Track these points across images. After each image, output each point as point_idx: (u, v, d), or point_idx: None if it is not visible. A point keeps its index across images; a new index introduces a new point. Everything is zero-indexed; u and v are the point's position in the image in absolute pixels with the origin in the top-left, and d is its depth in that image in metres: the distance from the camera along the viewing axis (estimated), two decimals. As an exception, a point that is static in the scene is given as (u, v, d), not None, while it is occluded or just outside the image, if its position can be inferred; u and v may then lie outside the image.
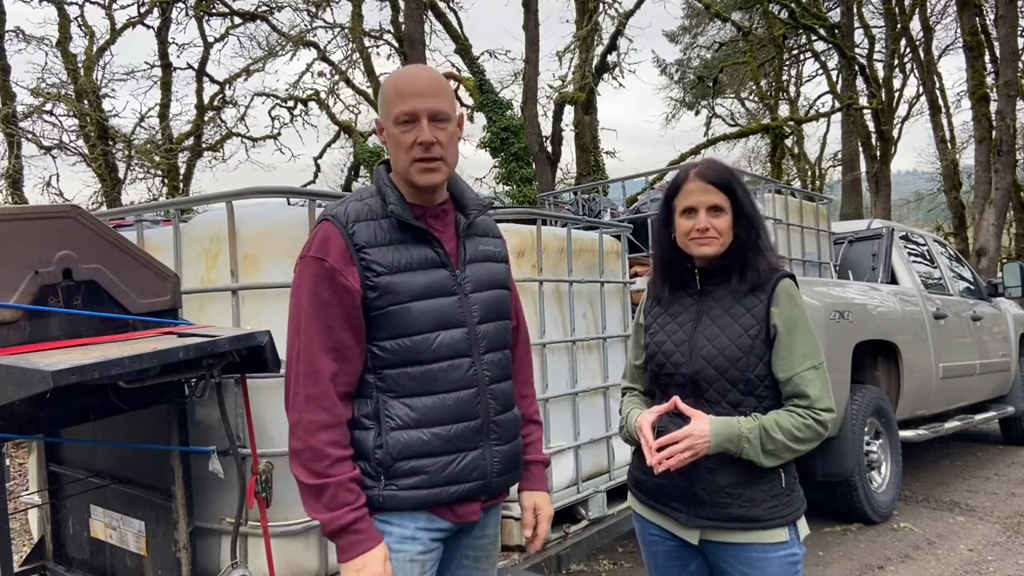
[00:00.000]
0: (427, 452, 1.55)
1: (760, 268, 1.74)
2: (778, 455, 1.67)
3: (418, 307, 1.54)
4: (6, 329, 1.86)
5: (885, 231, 5.89)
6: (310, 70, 16.71)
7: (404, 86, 1.55)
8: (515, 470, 1.71)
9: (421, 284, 1.55)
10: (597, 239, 3.50)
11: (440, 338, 1.56)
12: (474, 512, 1.63)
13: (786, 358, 1.70)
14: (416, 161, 1.54)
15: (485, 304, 1.64)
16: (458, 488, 1.58)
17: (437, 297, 1.57)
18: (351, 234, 1.53)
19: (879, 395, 4.92)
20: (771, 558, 1.69)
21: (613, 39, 14.63)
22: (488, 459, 1.61)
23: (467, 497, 1.60)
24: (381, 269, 1.53)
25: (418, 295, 1.55)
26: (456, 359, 1.58)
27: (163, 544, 2.28)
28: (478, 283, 1.64)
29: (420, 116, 1.53)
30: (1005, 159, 11.87)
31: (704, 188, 1.75)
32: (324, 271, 1.51)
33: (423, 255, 1.58)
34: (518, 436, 1.72)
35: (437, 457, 1.56)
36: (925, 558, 4.22)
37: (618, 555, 4.34)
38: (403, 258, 1.55)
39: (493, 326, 1.65)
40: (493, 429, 1.63)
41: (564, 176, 15.95)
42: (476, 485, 1.60)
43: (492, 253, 1.71)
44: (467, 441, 1.59)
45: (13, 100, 11.78)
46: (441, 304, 1.57)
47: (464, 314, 1.60)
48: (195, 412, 2.33)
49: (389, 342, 1.54)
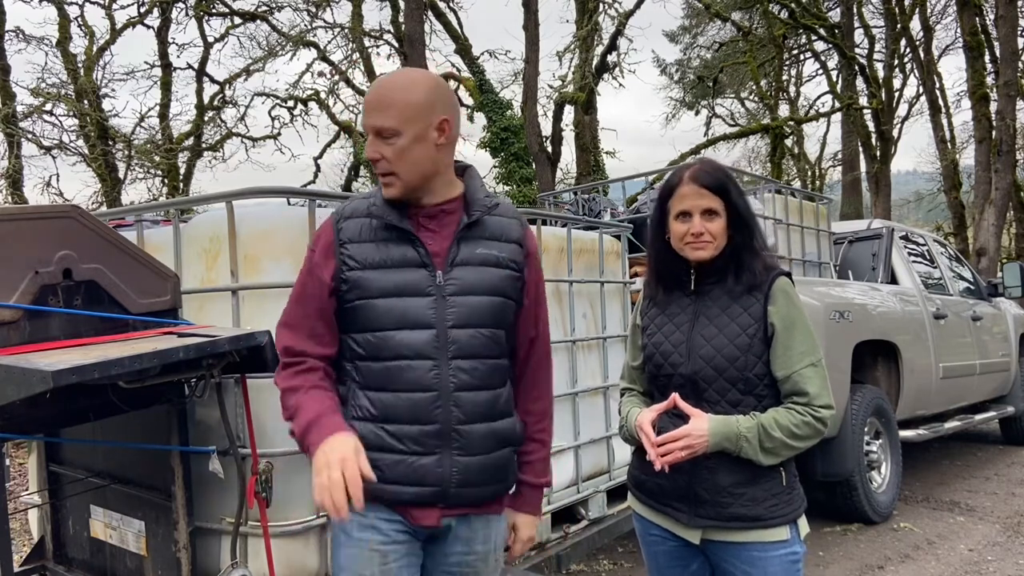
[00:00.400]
0: (379, 447, 1.56)
1: (755, 269, 1.74)
2: (777, 453, 1.67)
3: (383, 304, 1.57)
4: (6, 329, 1.86)
5: (885, 231, 5.89)
6: (310, 70, 16.72)
7: (372, 97, 1.59)
8: (489, 485, 1.63)
9: (391, 282, 1.57)
10: (597, 239, 3.50)
11: (400, 337, 1.56)
12: (430, 517, 1.58)
13: (784, 356, 1.70)
14: (377, 175, 1.60)
15: (468, 309, 1.59)
16: (411, 490, 1.56)
17: (407, 296, 1.57)
18: (339, 229, 1.62)
19: (879, 395, 4.92)
20: (772, 557, 1.69)
21: (613, 39, 14.64)
22: (446, 467, 1.57)
23: (420, 501, 1.57)
24: (354, 264, 1.58)
25: (386, 292, 1.57)
26: (415, 360, 1.56)
27: (163, 544, 2.28)
28: (463, 287, 1.59)
29: (368, 132, 1.58)
30: (1005, 159, 11.88)
31: (698, 192, 1.74)
32: (310, 262, 1.65)
33: (401, 254, 1.59)
34: (498, 451, 1.63)
35: (388, 454, 1.56)
36: (925, 558, 4.22)
37: (618, 555, 4.34)
38: (380, 255, 1.59)
39: (470, 332, 1.59)
40: (455, 437, 1.57)
41: (564, 176, 15.96)
42: (431, 491, 1.57)
43: (494, 258, 1.63)
44: (422, 444, 1.56)
45: (13, 100, 11.79)
46: (409, 303, 1.56)
47: (436, 316, 1.57)
48: (195, 412, 2.33)
49: (358, 335, 1.60)
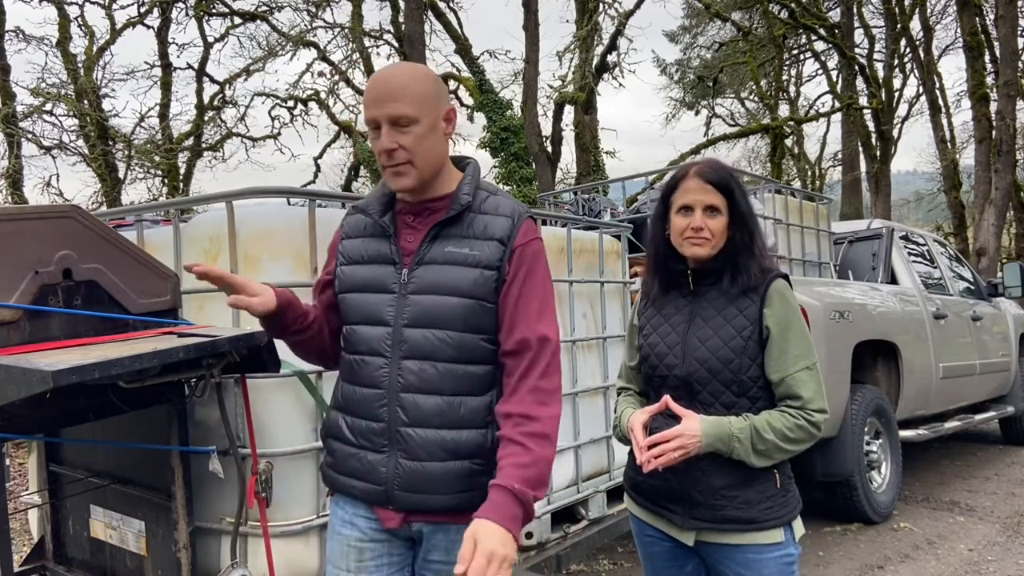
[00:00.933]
0: (338, 437, 1.63)
1: (751, 271, 1.74)
2: (769, 455, 1.67)
3: (351, 299, 1.62)
4: (6, 329, 1.87)
5: (885, 231, 5.89)
6: (310, 70, 16.73)
7: (369, 92, 1.54)
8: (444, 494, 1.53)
9: (361, 277, 1.62)
10: (597, 239, 3.51)
11: (359, 332, 1.60)
12: (391, 520, 1.56)
13: (779, 359, 1.70)
14: (385, 168, 1.56)
15: (423, 308, 1.52)
16: (359, 485, 1.58)
17: (372, 292, 1.59)
18: (344, 224, 1.71)
19: (879, 395, 4.92)
20: (767, 559, 1.69)
21: (613, 39, 14.64)
22: (389, 468, 1.53)
23: (371, 499, 1.57)
24: (343, 260, 1.66)
25: (356, 287, 1.62)
26: (369, 356, 1.58)
27: (163, 544, 2.28)
28: (423, 286, 1.53)
29: (380, 123, 1.51)
30: (1005, 159, 11.87)
31: (703, 187, 1.75)
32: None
33: (377, 250, 1.62)
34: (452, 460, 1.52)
35: (344, 445, 1.62)
36: (925, 558, 4.22)
37: (618, 555, 4.34)
38: (361, 251, 1.64)
39: (423, 333, 1.52)
40: (399, 439, 1.53)
41: (564, 176, 15.96)
42: (374, 489, 1.55)
43: (463, 256, 1.53)
44: (370, 441, 1.57)
45: (13, 100, 11.79)
46: (370, 300, 1.59)
47: (392, 314, 1.54)
48: (195, 412, 2.33)
49: (343, 327, 1.66)
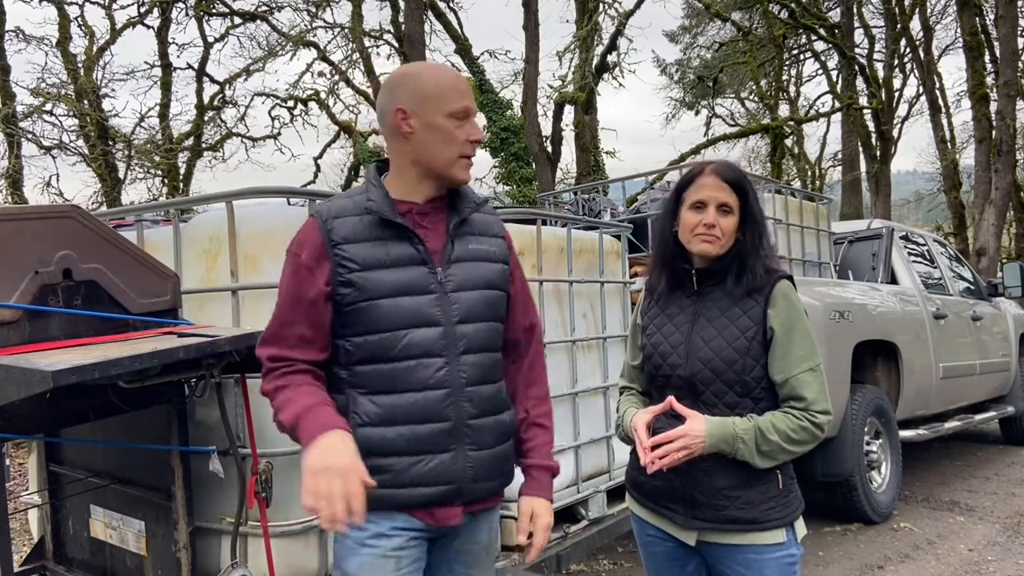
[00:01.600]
0: (391, 451, 1.53)
1: (757, 272, 1.74)
2: (773, 456, 1.67)
3: (388, 304, 1.53)
4: (6, 329, 1.86)
5: (885, 231, 5.89)
6: (310, 70, 16.70)
7: (460, 83, 1.60)
8: (500, 477, 1.65)
9: (393, 281, 1.54)
10: (597, 239, 3.50)
11: (409, 336, 1.53)
12: (454, 516, 1.58)
13: (783, 360, 1.70)
14: (462, 157, 1.58)
15: (468, 304, 1.59)
16: (427, 491, 1.55)
17: (411, 295, 1.55)
18: (329, 230, 1.55)
19: (879, 395, 4.92)
20: (768, 559, 1.69)
21: (613, 39, 14.63)
22: (461, 463, 1.57)
23: (439, 500, 1.56)
24: (354, 265, 1.53)
25: (389, 292, 1.54)
26: (426, 359, 1.54)
27: (163, 544, 2.28)
28: (463, 282, 1.60)
29: (471, 114, 1.58)
30: (1005, 159, 11.87)
31: (719, 185, 1.75)
32: (296, 267, 1.57)
33: (401, 252, 1.56)
34: (504, 442, 1.65)
35: (402, 457, 1.54)
36: (925, 558, 4.22)
37: (618, 555, 4.34)
38: (379, 254, 1.55)
39: (475, 327, 1.60)
40: (467, 433, 1.57)
41: (564, 176, 15.93)
42: (448, 489, 1.56)
43: (487, 253, 1.66)
44: (435, 444, 1.55)
45: (13, 100, 11.78)
46: (414, 302, 1.54)
47: (441, 313, 1.56)
48: (195, 412, 2.33)
49: (359, 338, 1.55)
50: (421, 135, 1.56)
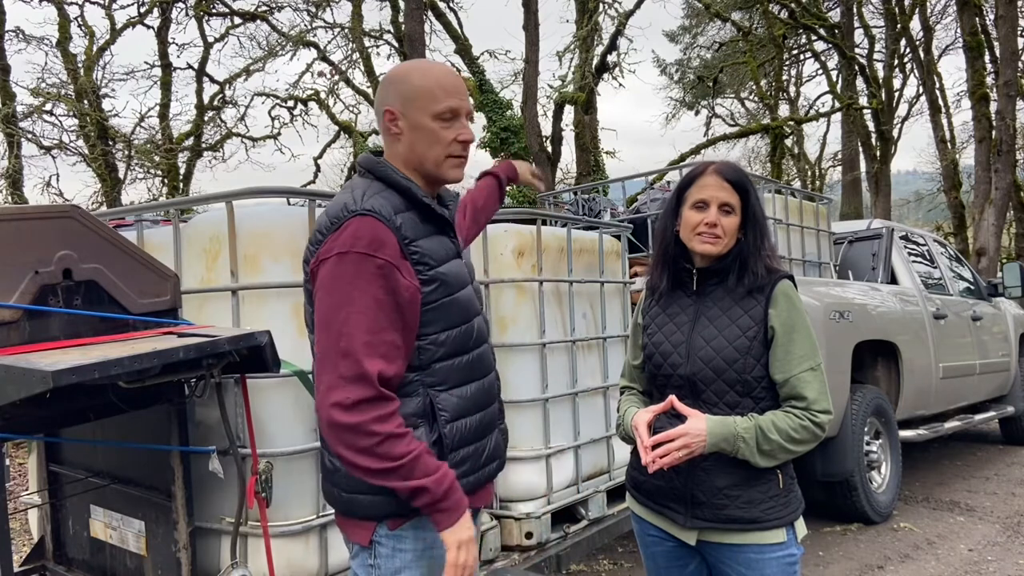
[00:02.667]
0: (473, 439, 1.58)
1: (758, 272, 1.74)
2: (774, 456, 1.67)
3: (464, 296, 1.59)
4: (6, 329, 1.87)
5: (885, 231, 5.89)
6: (310, 70, 16.70)
7: (448, 82, 1.56)
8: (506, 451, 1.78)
9: (456, 274, 1.58)
10: (597, 239, 3.51)
11: (476, 325, 1.62)
12: (490, 494, 1.69)
13: (784, 360, 1.70)
14: (451, 156, 1.57)
15: (477, 293, 1.70)
16: (488, 469, 1.63)
17: (468, 285, 1.63)
18: (398, 227, 1.46)
19: (879, 395, 4.92)
20: (769, 559, 1.69)
21: (613, 39, 14.63)
22: (502, 439, 1.70)
23: (489, 478, 1.65)
24: (433, 262, 1.50)
25: (462, 284, 1.59)
26: (484, 345, 1.65)
27: (163, 544, 2.28)
28: (471, 272, 1.70)
29: (461, 114, 1.57)
30: (1005, 159, 11.87)
31: (720, 184, 1.75)
32: (378, 269, 1.41)
33: (449, 245, 1.60)
34: None
35: (479, 442, 1.60)
36: (925, 558, 4.22)
37: (618, 555, 4.34)
38: (441, 249, 1.54)
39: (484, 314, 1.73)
40: (501, 410, 1.71)
41: (564, 176, 15.93)
42: (497, 464, 1.67)
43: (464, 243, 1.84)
44: (492, 423, 1.65)
45: (13, 100, 11.77)
46: (470, 292, 1.63)
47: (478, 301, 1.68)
48: (195, 412, 2.33)
49: (442, 334, 1.51)
50: (409, 136, 1.56)
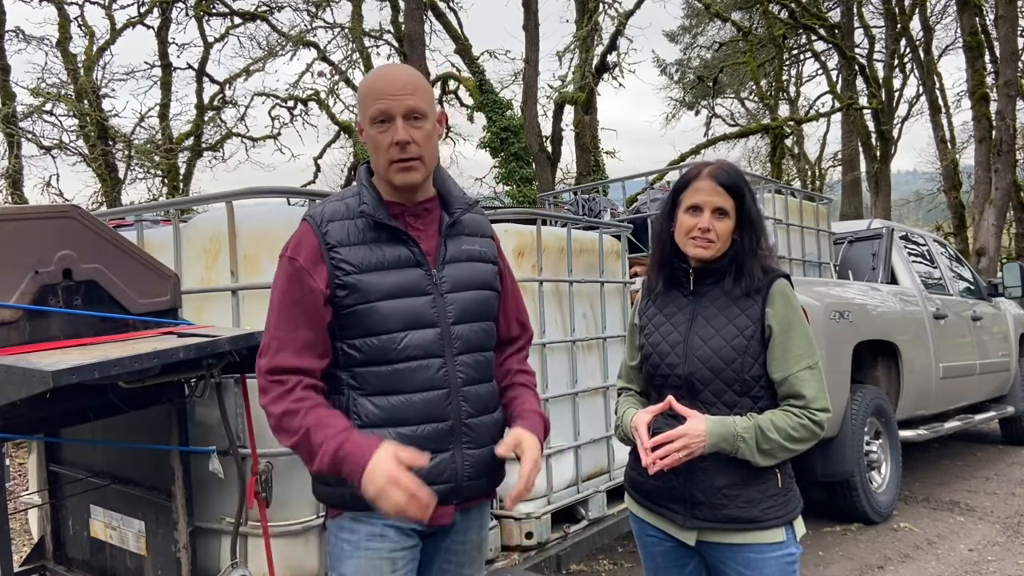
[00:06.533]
0: None
1: (754, 273, 1.74)
2: (773, 455, 1.67)
3: (386, 306, 1.54)
4: (6, 329, 1.87)
5: (885, 231, 5.89)
6: (310, 70, 16.72)
7: (378, 86, 1.55)
8: (491, 475, 1.67)
9: (391, 283, 1.55)
10: (597, 239, 3.51)
11: (408, 338, 1.54)
12: (446, 515, 1.58)
13: (781, 359, 1.70)
14: (393, 162, 1.54)
15: (463, 305, 1.61)
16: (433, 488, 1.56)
17: (408, 296, 1.56)
18: (324, 233, 1.55)
19: (879, 395, 4.92)
20: (768, 558, 1.69)
21: (613, 39, 14.64)
22: (459, 462, 1.59)
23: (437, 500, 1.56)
24: (351, 268, 1.53)
25: (387, 294, 1.54)
26: (425, 359, 1.56)
27: (163, 544, 2.28)
28: (457, 283, 1.61)
29: (395, 115, 1.53)
30: (1005, 159, 11.87)
31: (714, 189, 1.74)
32: (294, 270, 1.55)
33: (396, 254, 1.57)
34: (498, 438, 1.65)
35: None
36: (925, 558, 4.22)
37: (618, 555, 4.34)
38: (375, 257, 1.55)
39: (470, 327, 1.62)
40: (465, 432, 1.60)
41: (564, 176, 15.94)
42: (446, 488, 1.56)
43: (479, 253, 1.68)
44: (436, 443, 1.55)
45: (13, 100, 11.78)
46: (411, 304, 1.55)
47: (438, 314, 1.58)
48: (195, 412, 2.33)
49: (358, 340, 1.55)
50: (368, 146, 1.59)
